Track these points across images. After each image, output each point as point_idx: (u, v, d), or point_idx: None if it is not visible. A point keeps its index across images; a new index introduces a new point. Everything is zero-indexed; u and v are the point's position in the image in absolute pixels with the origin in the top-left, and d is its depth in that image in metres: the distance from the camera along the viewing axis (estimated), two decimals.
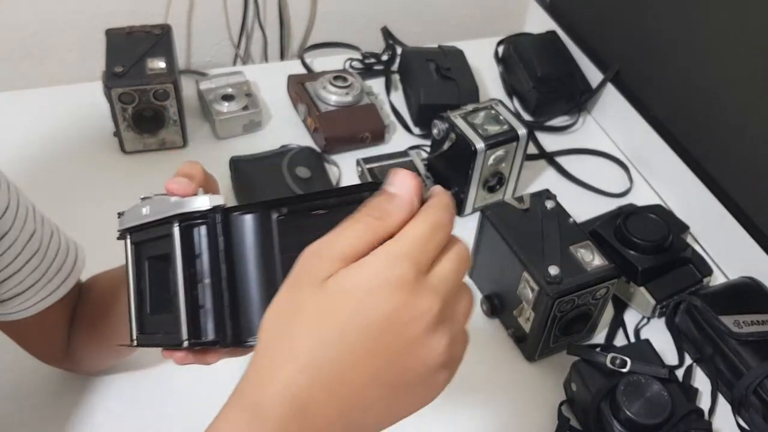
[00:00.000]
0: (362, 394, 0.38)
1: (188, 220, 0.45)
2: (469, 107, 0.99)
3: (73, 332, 0.71)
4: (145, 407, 0.78)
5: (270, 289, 0.42)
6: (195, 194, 0.48)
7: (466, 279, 0.43)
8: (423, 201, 0.41)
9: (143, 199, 0.50)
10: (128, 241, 0.51)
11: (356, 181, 1.07)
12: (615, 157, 1.17)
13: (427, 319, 0.37)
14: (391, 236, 0.38)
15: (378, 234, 0.38)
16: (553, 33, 1.31)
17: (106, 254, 0.63)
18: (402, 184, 0.40)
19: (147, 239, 0.50)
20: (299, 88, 1.14)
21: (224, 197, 0.47)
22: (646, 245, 0.89)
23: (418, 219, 0.39)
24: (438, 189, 0.42)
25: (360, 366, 0.37)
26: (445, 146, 0.98)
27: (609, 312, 0.92)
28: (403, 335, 0.37)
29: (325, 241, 0.38)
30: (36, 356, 0.73)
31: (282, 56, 1.39)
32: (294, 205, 0.44)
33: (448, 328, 0.39)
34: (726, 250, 0.99)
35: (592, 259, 0.81)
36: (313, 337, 0.37)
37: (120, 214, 0.52)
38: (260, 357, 0.39)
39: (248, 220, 0.44)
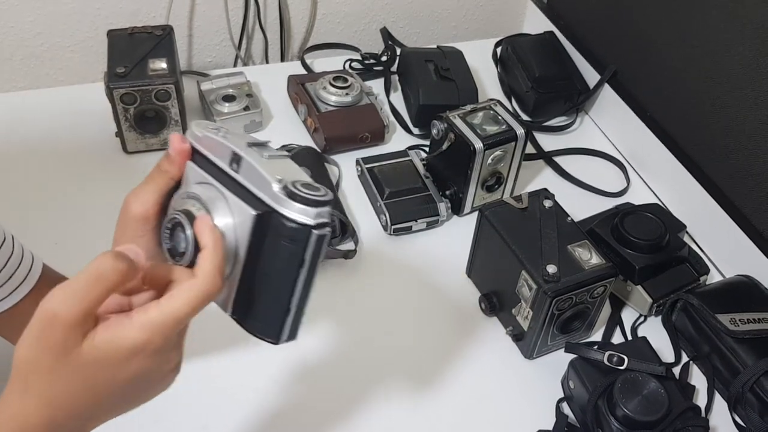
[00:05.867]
0: (100, 419, 0.49)
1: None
2: (468, 107, 1.00)
3: None
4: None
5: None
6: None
7: (464, 278, 0.44)
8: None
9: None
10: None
11: (355, 180, 1.08)
12: (612, 157, 1.18)
13: (170, 367, 0.49)
14: (115, 290, 0.45)
15: (104, 294, 0.44)
16: (551, 34, 1.32)
17: None
18: (129, 251, 0.46)
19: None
20: (299, 89, 1.15)
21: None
22: (643, 244, 0.90)
23: (174, 298, 0.46)
24: (204, 271, 0.47)
25: (104, 408, 0.48)
26: (444, 146, 0.98)
27: (606, 310, 0.92)
28: (147, 381, 0.48)
29: (58, 304, 0.43)
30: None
31: (282, 57, 1.39)
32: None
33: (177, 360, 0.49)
34: (722, 248, 1.00)
35: (589, 257, 0.82)
36: (68, 392, 0.44)
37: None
38: (15, 381, 0.45)
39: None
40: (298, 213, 0.46)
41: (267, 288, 0.50)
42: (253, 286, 0.50)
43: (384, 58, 1.30)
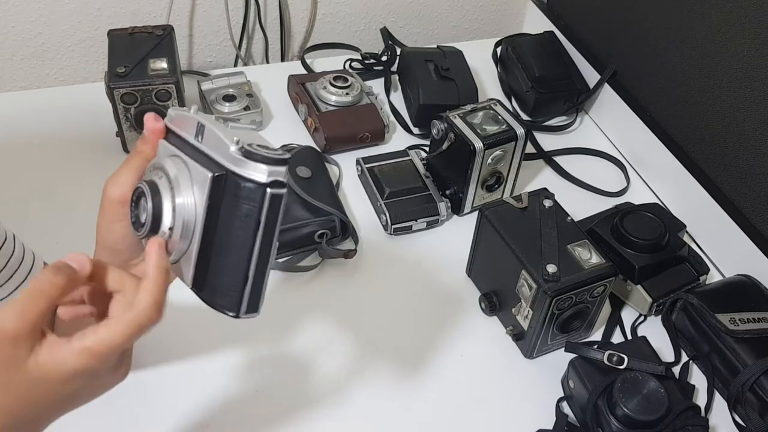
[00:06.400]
0: (49, 421, 0.51)
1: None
2: (468, 107, 1.00)
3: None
4: (134, 407, 0.79)
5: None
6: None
7: (464, 278, 0.45)
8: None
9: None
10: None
11: (355, 179, 1.08)
12: (612, 157, 1.18)
13: (116, 378, 0.52)
14: (57, 303, 0.48)
15: (45, 308, 0.46)
16: (551, 34, 1.32)
17: None
18: (73, 259, 0.49)
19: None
20: (300, 89, 1.15)
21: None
22: (643, 243, 0.90)
23: (110, 327, 0.47)
24: (141, 304, 0.49)
25: (50, 415, 0.50)
26: (444, 146, 0.98)
27: (606, 310, 0.93)
28: (90, 394, 0.51)
29: (4, 320, 0.45)
30: None
31: (283, 57, 1.39)
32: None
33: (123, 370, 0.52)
34: (722, 248, 1.00)
35: (589, 257, 0.82)
36: (17, 402, 0.47)
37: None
38: None
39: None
40: (252, 171, 0.47)
41: (225, 256, 0.49)
42: (211, 256, 0.50)
43: (384, 58, 1.30)
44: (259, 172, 0.46)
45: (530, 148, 1.16)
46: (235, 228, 0.48)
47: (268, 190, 0.47)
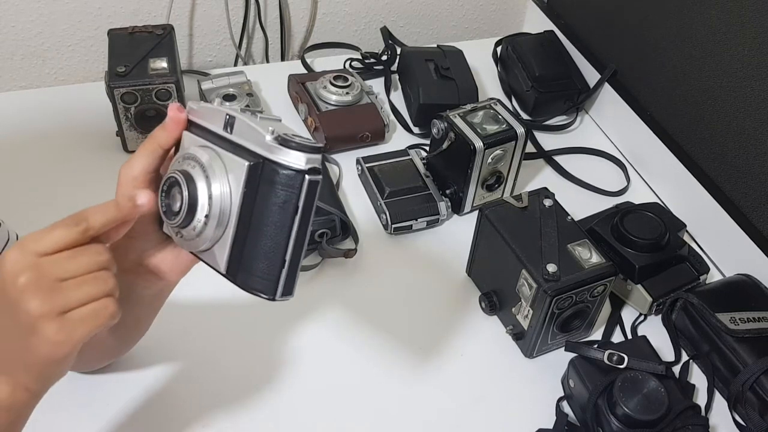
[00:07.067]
0: None
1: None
2: (468, 107, 1.00)
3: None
4: (134, 407, 0.78)
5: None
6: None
7: (464, 277, 0.45)
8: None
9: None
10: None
11: (356, 179, 1.08)
12: (612, 156, 1.18)
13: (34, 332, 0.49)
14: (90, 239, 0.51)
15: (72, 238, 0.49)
16: (551, 33, 1.32)
17: None
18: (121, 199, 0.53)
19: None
20: (300, 88, 1.15)
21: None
22: (643, 243, 0.90)
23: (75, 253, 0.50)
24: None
25: None
26: (444, 145, 0.98)
27: (606, 309, 0.93)
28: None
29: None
30: None
31: (283, 56, 1.39)
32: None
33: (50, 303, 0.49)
34: (722, 247, 1.00)
35: (589, 256, 0.82)
36: None
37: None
38: None
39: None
40: (290, 158, 0.49)
41: (262, 240, 0.51)
42: (247, 241, 0.51)
43: (384, 58, 1.30)
44: (297, 160, 0.49)
45: (530, 148, 1.16)
46: (272, 214, 0.50)
47: (307, 176, 0.49)
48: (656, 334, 0.89)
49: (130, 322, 0.63)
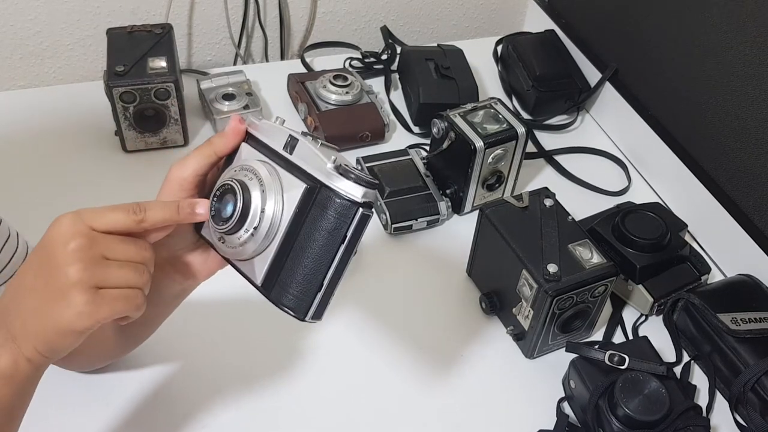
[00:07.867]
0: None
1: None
2: (469, 106, 0.99)
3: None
4: (134, 407, 0.78)
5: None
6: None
7: (465, 277, 0.44)
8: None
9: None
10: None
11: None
12: (613, 156, 1.18)
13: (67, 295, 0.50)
14: (142, 231, 0.53)
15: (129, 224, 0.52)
16: (551, 32, 1.32)
17: None
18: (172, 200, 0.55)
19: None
20: (299, 87, 1.15)
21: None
22: (644, 243, 0.90)
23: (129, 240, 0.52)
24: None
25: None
26: (445, 145, 0.98)
27: (607, 309, 0.92)
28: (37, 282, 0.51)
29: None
30: None
31: (282, 56, 1.39)
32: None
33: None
34: (724, 247, 1.00)
35: (590, 257, 0.81)
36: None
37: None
38: None
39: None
40: (348, 189, 0.50)
41: (304, 262, 0.52)
42: (288, 259, 0.53)
43: (384, 57, 1.29)
44: (354, 191, 0.50)
45: (531, 147, 1.16)
46: (320, 238, 0.51)
47: (360, 209, 0.50)
48: (657, 334, 0.89)
49: (141, 321, 0.64)
